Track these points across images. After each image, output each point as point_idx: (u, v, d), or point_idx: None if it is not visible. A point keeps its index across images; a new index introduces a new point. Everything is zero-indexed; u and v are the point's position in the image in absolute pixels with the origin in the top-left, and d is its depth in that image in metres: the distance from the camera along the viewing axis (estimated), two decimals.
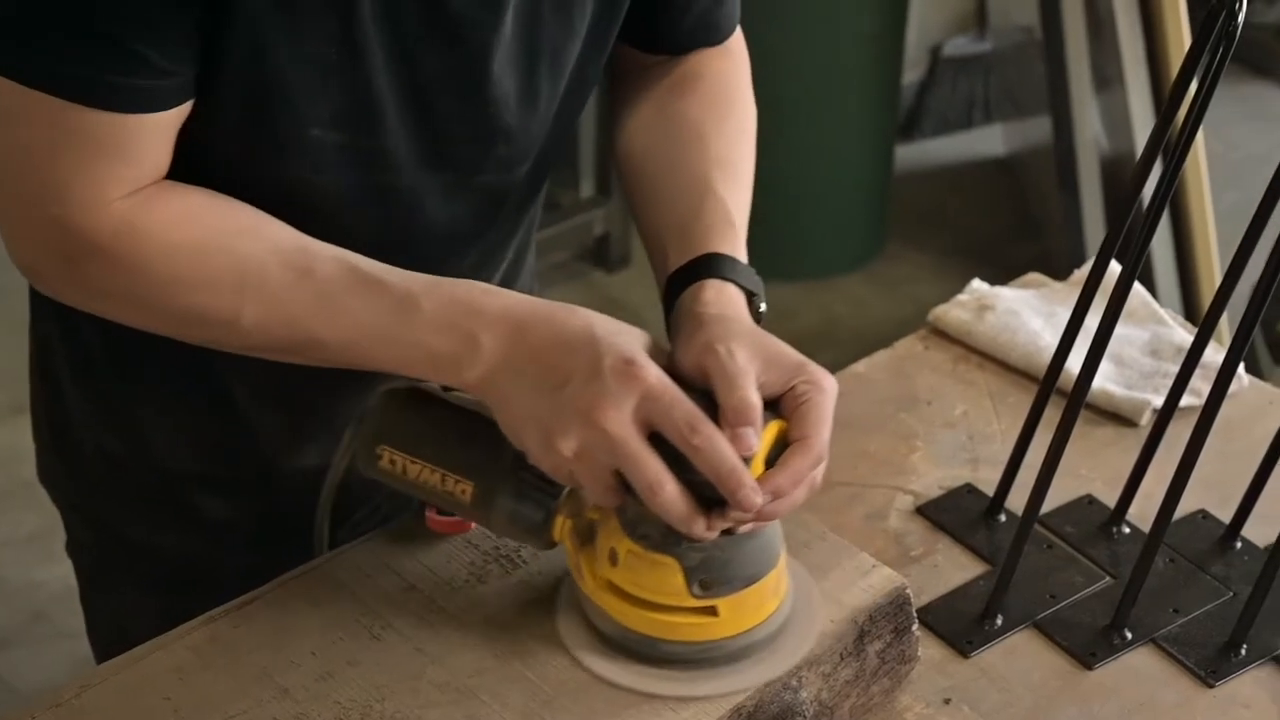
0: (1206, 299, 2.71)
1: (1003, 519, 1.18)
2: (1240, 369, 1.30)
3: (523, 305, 0.93)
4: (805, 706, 0.96)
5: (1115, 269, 1.11)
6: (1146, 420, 1.27)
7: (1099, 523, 1.18)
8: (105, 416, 1.17)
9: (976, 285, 1.42)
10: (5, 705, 2.23)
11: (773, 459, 0.91)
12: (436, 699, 0.94)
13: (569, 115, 1.10)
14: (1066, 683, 1.05)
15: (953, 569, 1.14)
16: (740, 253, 1.03)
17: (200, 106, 0.95)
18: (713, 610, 0.93)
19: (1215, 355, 1.20)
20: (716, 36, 1.17)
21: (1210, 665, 1.06)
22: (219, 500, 1.18)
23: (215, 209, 0.97)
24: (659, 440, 0.88)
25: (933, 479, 1.22)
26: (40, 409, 1.22)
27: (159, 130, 0.94)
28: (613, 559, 0.93)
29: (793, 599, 0.98)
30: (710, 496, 0.89)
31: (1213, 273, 2.70)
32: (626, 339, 0.90)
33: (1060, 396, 1.10)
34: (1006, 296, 1.40)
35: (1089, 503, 1.20)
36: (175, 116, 0.94)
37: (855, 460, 1.24)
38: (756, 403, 0.89)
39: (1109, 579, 1.13)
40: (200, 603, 1.01)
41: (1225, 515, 1.17)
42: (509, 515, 0.95)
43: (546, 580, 1.02)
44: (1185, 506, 1.14)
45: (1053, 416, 1.09)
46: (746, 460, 0.88)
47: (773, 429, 0.91)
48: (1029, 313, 1.37)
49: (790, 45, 3.06)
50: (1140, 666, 1.06)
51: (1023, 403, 1.18)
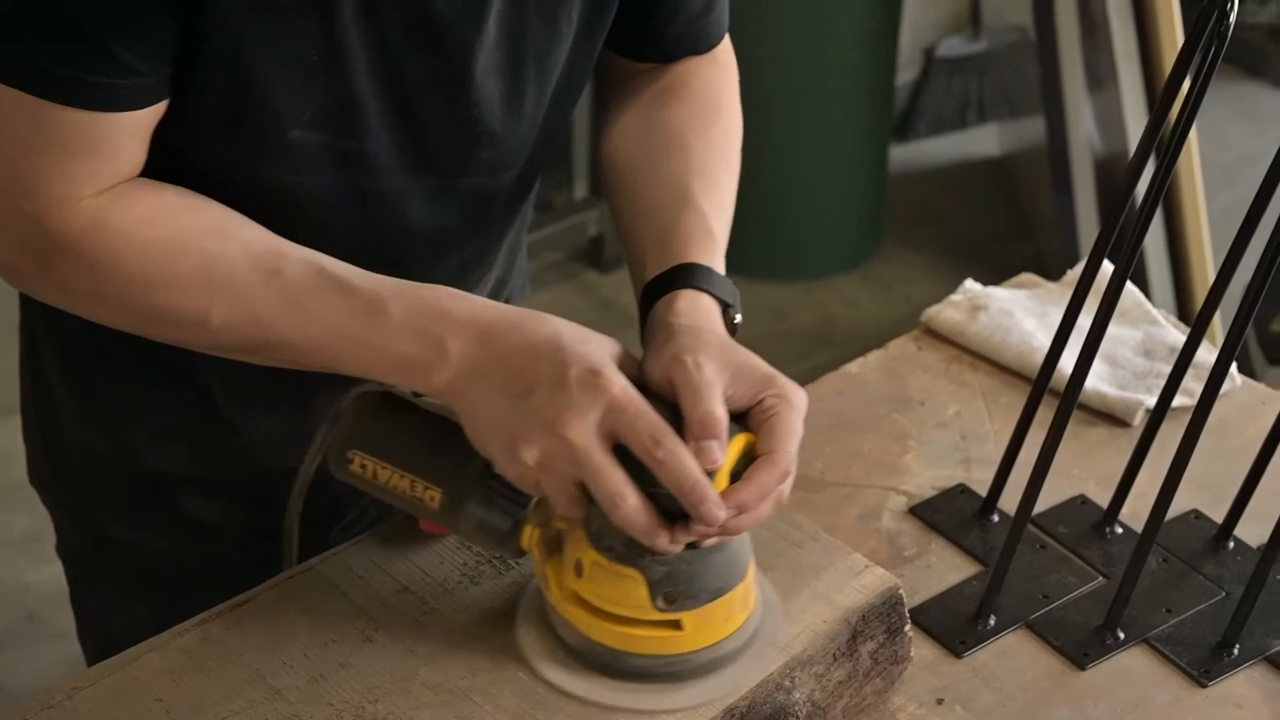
0: (1200, 299, 2.71)
1: (996, 519, 1.18)
2: (1233, 369, 1.30)
3: (491, 311, 0.92)
4: (798, 707, 0.96)
5: (1108, 269, 1.11)
6: (1139, 420, 1.27)
7: (1092, 523, 1.18)
8: (93, 417, 1.17)
9: (969, 285, 1.42)
10: None
11: (740, 472, 0.90)
12: (429, 700, 0.94)
13: (557, 119, 1.10)
14: (1059, 683, 1.05)
15: (946, 569, 1.14)
16: (718, 263, 1.02)
17: (180, 106, 0.95)
18: (677, 624, 0.92)
19: (1208, 355, 1.21)
20: (703, 45, 1.16)
21: (1203, 665, 1.06)
22: (208, 502, 1.18)
23: (186, 208, 0.97)
24: (624, 452, 0.88)
25: (926, 479, 1.22)
26: (30, 410, 1.22)
27: (133, 129, 0.94)
28: (578, 570, 0.93)
29: (763, 611, 0.97)
30: (674, 510, 0.88)
31: (1206, 273, 2.70)
32: (594, 349, 0.90)
33: (1053, 397, 1.10)
34: (999, 297, 1.40)
35: (1082, 503, 1.20)
36: (150, 115, 0.94)
37: (848, 460, 1.24)
38: (721, 416, 0.88)
39: (1102, 579, 1.13)
40: (191, 604, 1.01)
41: (1218, 515, 1.17)
42: (476, 523, 0.95)
43: None
44: (1178, 506, 1.14)
45: (1045, 417, 1.09)
46: (711, 474, 0.87)
47: (739, 442, 0.90)
48: (1022, 313, 1.37)
49: (785, 46, 3.06)
50: (1133, 666, 1.06)
51: (1016, 403, 1.18)
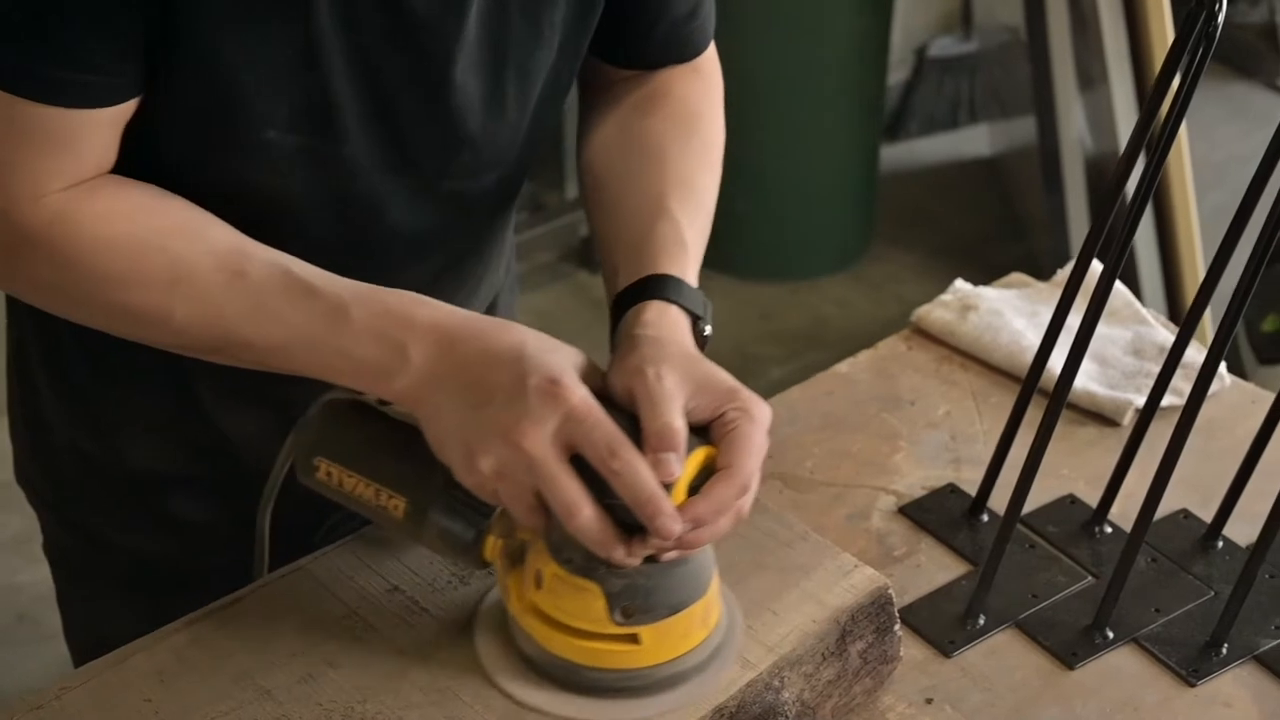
0: (1190, 299, 2.71)
1: (985, 519, 1.18)
2: (1222, 368, 1.31)
3: (455, 318, 0.92)
4: (787, 707, 0.96)
5: (1098, 268, 1.11)
6: (1129, 420, 1.28)
7: (1081, 522, 1.18)
8: (80, 417, 1.17)
9: (959, 285, 1.42)
10: None
11: (699, 486, 0.89)
12: (418, 700, 0.94)
13: (541, 124, 1.09)
14: (1048, 682, 1.05)
15: (935, 569, 1.14)
16: (690, 275, 1.01)
17: (154, 104, 0.95)
18: (634, 638, 0.91)
19: (1197, 355, 1.21)
20: (686, 54, 1.16)
21: (1192, 664, 1.06)
22: (196, 502, 1.18)
23: (153, 206, 0.96)
24: (583, 463, 0.87)
25: (915, 479, 1.23)
26: (16, 410, 1.22)
27: (103, 126, 0.94)
28: (538, 581, 0.92)
29: (726, 627, 0.96)
30: (631, 523, 0.87)
31: (1196, 273, 2.71)
32: (556, 358, 0.89)
33: (1043, 396, 1.10)
34: (989, 297, 1.40)
35: (1071, 502, 1.20)
36: (120, 112, 0.94)
37: (838, 460, 1.24)
38: (680, 428, 0.87)
39: (1091, 578, 1.13)
40: (179, 605, 1.01)
41: (1207, 515, 1.18)
42: (439, 532, 0.94)
43: None
44: (1167, 506, 1.14)
45: (1035, 416, 1.09)
46: (668, 487, 0.86)
47: (699, 456, 0.89)
48: (1012, 313, 1.37)
49: (776, 46, 3.06)
50: (1122, 666, 1.07)
51: (1005, 403, 1.19)
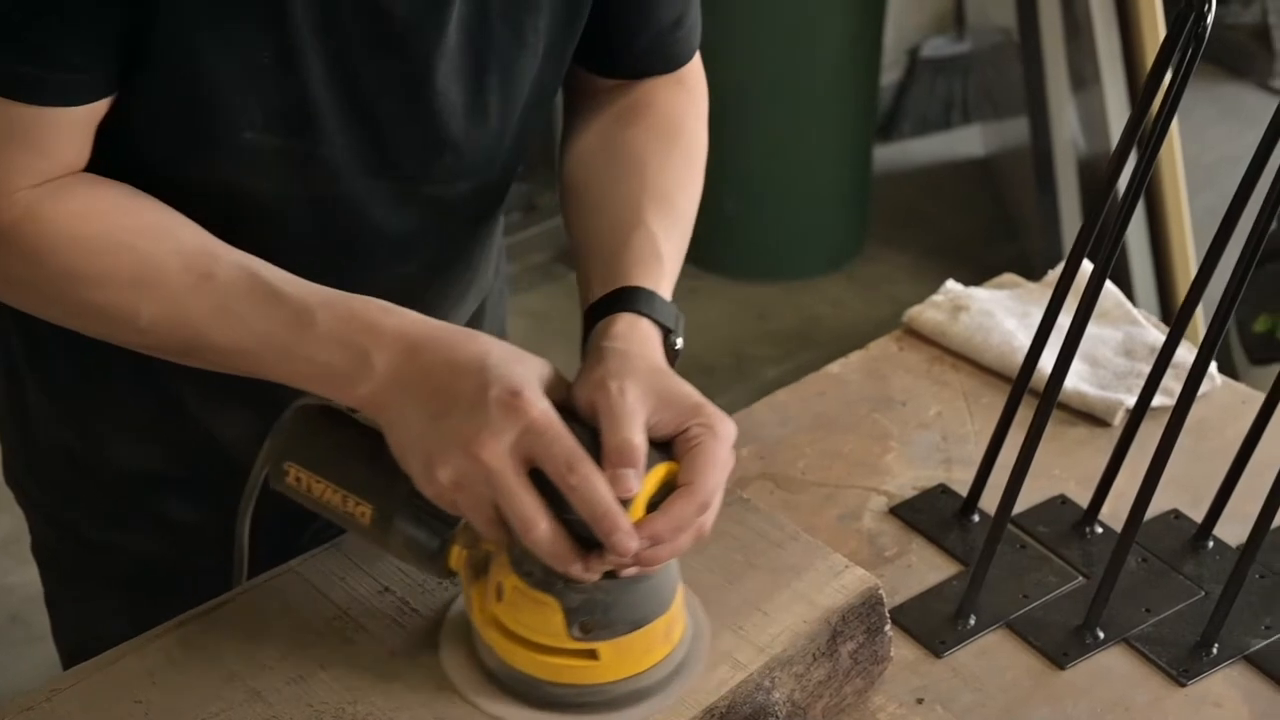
0: (1182, 300, 2.72)
1: (976, 519, 1.18)
2: (1213, 369, 1.31)
3: (421, 327, 0.91)
4: (778, 707, 0.96)
5: (1089, 268, 1.11)
6: (1120, 420, 1.28)
7: (1072, 522, 1.18)
8: (65, 417, 1.17)
9: (951, 286, 1.42)
10: None
11: (659, 502, 0.88)
12: (409, 701, 0.94)
13: (527, 130, 1.09)
14: (1039, 682, 1.05)
15: (926, 569, 1.14)
16: (663, 287, 1.00)
17: (130, 103, 0.95)
18: (593, 654, 0.91)
19: (1188, 355, 1.21)
20: (670, 64, 1.15)
21: (1182, 664, 1.06)
22: (184, 502, 1.18)
23: (124, 206, 0.96)
24: (543, 477, 0.86)
25: (906, 479, 1.23)
26: (4, 409, 1.22)
27: (74, 124, 0.94)
28: (499, 594, 0.91)
29: (690, 644, 0.96)
30: (590, 538, 0.86)
31: (1189, 274, 2.71)
32: (520, 370, 0.88)
33: (1034, 397, 1.10)
34: (981, 297, 1.40)
35: (1062, 503, 1.20)
36: (92, 111, 0.94)
37: (829, 461, 1.24)
38: (639, 444, 0.87)
39: (1082, 579, 1.13)
40: (169, 606, 1.01)
41: (1197, 515, 1.18)
42: (404, 540, 0.93)
43: None
44: (1158, 506, 1.14)
45: (1026, 417, 1.09)
46: (626, 503, 0.86)
47: (659, 472, 0.88)
48: (1003, 313, 1.37)
49: (769, 47, 3.06)
50: (1112, 666, 1.07)
51: (997, 403, 1.19)
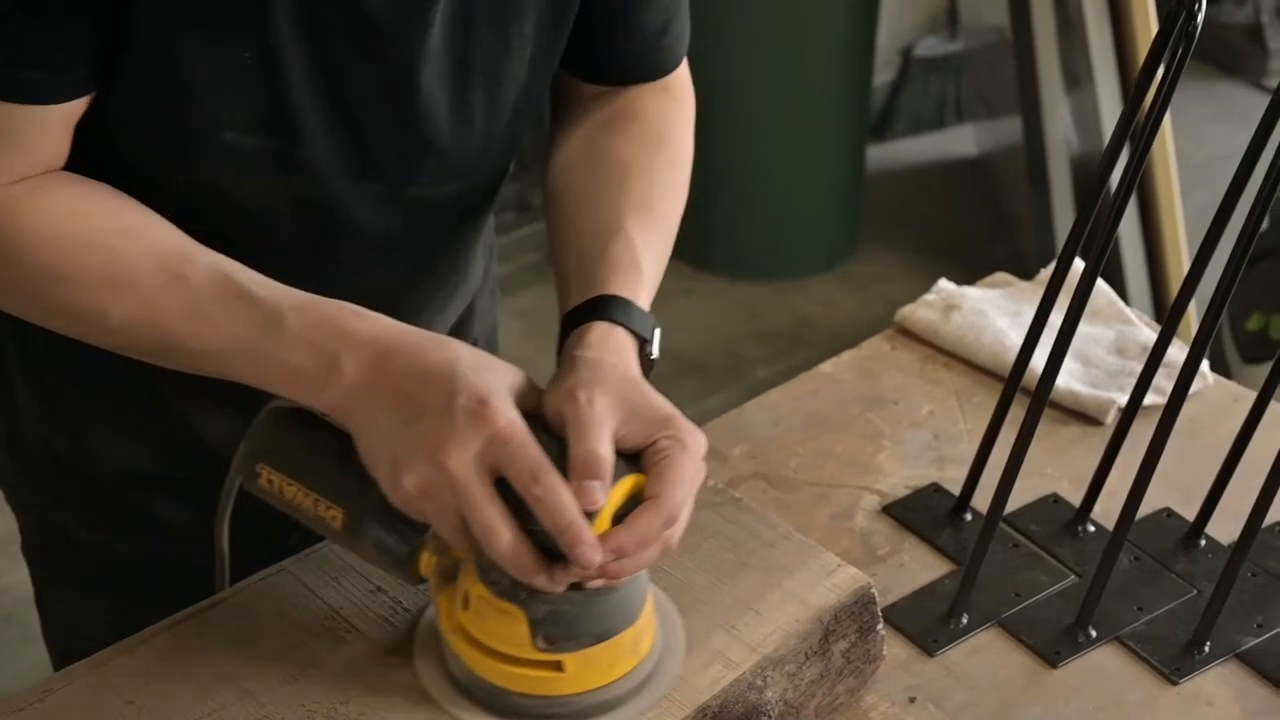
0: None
1: (969, 518, 1.18)
2: (1205, 367, 1.31)
3: (392, 332, 0.91)
4: (770, 706, 0.96)
5: (1080, 267, 1.11)
6: (1112, 419, 1.28)
7: (1064, 521, 1.18)
8: (53, 415, 1.17)
9: (943, 285, 1.42)
10: None
11: (626, 515, 0.87)
12: (400, 702, 0.94)
13: (514, 134, 1.09)
14: (1031, 681, 1.05)
15: (919, 568, 1.14)
16: (641, 297, 0.99)
17: (111, 102, 0.95)
18: (558, 665, 0.90)
19: (1180, 354, 1.21)
20: (656, 72, 1.15)
21: (1174, 663, 1.06)
22: (172, 502, 1.18)
23: (100, 205, 0.96)
24: (509, 487, 0.85)
25: (899, 478, 1.23)
26: None
27: (51, 123, 0.94)
28: (465, 602, 0.91)
29: (659, 657, 0.95)
30: (554, 549, 0.85)
31: (1181, 273, 2.72)
32: (489, 378, 0.87)
33: (1025, 395, 1.10)
34: (973, 296, 1.40)
35: (1054, 501, 1.20)
36: (70, 110, 0.94)
37: (822, 460, 1.24)
38: (604, 455, 0.86)
39: (1074, 577, 1.13)
40: (159, 606, 1.01)
41: (1189, 513, 1.18)
42: (375, 545, 0.93)
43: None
44: (1150, 505, 1.15)
45: (1018, 415, 1.09)
46: (592, 515, 0.85)
47: (627, 484, 0.87)
48: (995, 312, 1.38)
49: (762, 47, 3.06)
50: (1104, 664, 1.07)
51: (989, 402, 1.19)
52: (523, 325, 2.98)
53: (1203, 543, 1.17)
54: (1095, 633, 1.08)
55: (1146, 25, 2.65)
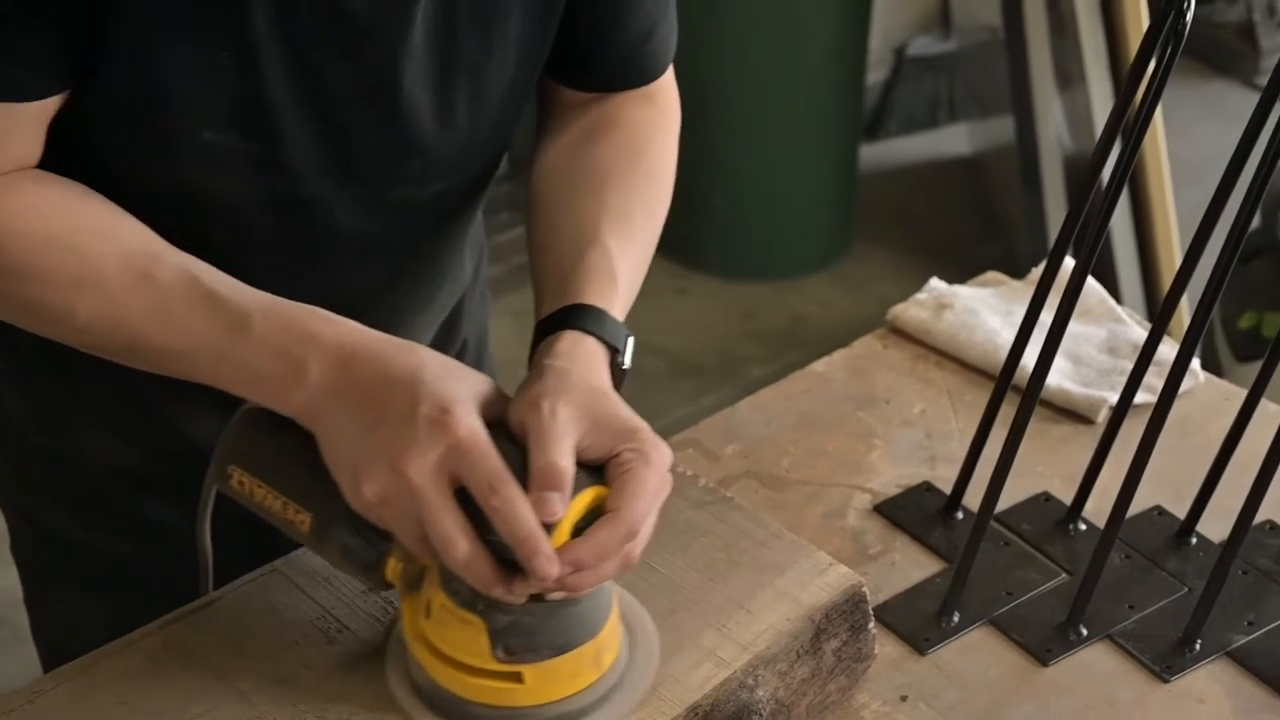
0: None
1: (960, 517, 1.18)
2: (1196, 365, 1.31)
3: (358, 337, 0.90)
4: (761, 705, 0.96)
5: (1072, 265, 1.12)
6: (1103, 417, 1.28)
7: (1056, 520, 1.18)
8: (42, 417, 1.17)
9: (935, 284, 1.42)
10: None
11: (586, 527, 0.86)
12: (390, 704, 0.94)
13: (498, 135, 1.08)
14: (1023, 679, 1.06)
15: (910, 567, 1.14)
16: (615, 307, 0.99)
17: (89, 101, 0.95)
18: (517, 676, 0.89)
19: (1171, 352, 1.21)
20: (640, 79, 1.14)
21: (1165, 660, 1.07)
22: (161, 503, 1.17)
23: (70, 204, 0.96)
24: (470, 497, 0.85)
25: (890, 477, 1.23)
26: None
27: (24, 120, 0.93)
28: (428, 611, 0.90)
29: (623, 670, 0.94)
30: (514, 560, 0.85)
31: (1174, 272, 2.71)
32: (454, 386, 0.87)
33: (1017, 394, 1.10)
34: (965, 295, 1.40)
35: (1046, 500, 1.21)
36: (43, 108, 0.94)
37: (813, 459, 1.24)
38: (564, 467, 0.85)
39: (1065, 575, 1.14)
40: (150, 607, 1.01)
41: (1181, 511, 1.18)
42: (342, 550, 0.92)
43: None
44: (1141, 503, 1.15)
45: (1009, 414, 1.09)
46: (551, 527, 0.84)
47: (587, 496, 0.87)
48: (987, 311, 1.38)
49: (754, 47, 3.07)
50: (1096, 663, 1.07)
51: (980, 401, 1.19)
52: (515, 325, 2.97)
53: (1194, 541, 1.17)
54: (1086, 631, 1.08)
55: (1138, 24, 2.65)
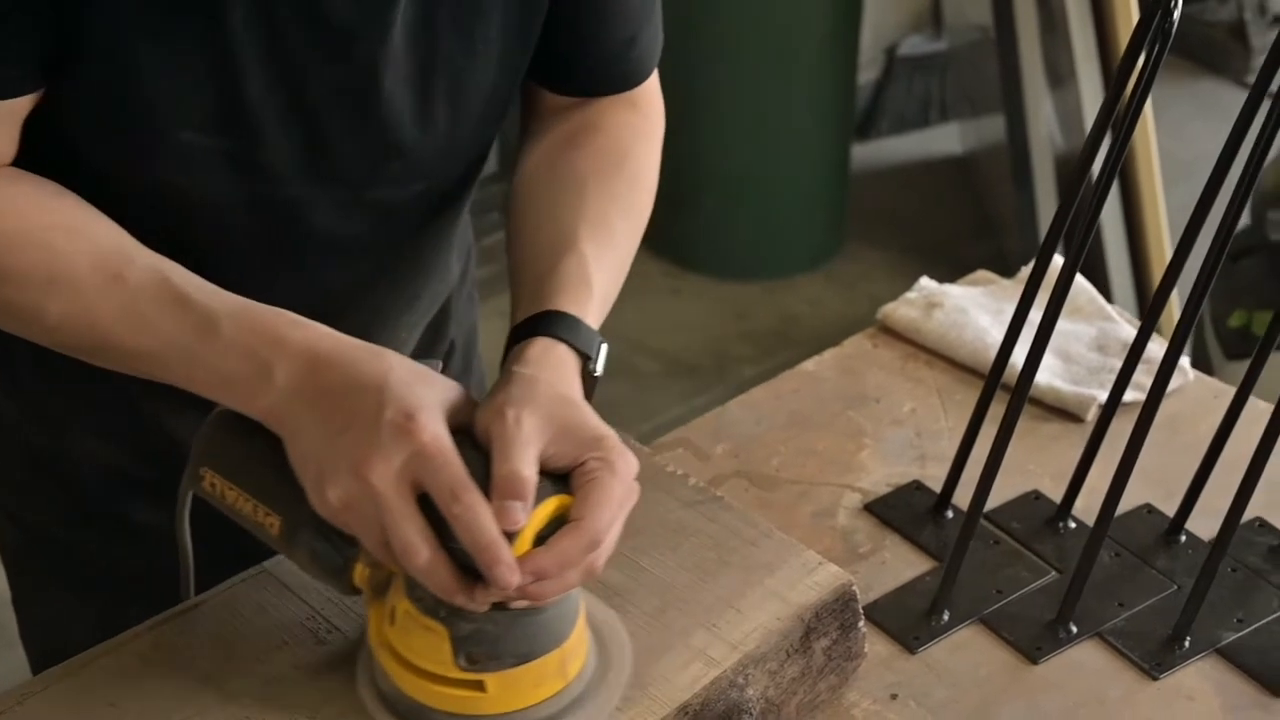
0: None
1: (950, 515, 1.18)
2: (1185, 364, 1.31)
3: (326, 342, 0.90)
4: (751, 704, 0.96)
5: (1060, 263, 1.12)
6: (1092, 416, 1.28)
7: (1045, 518, 1.18)
8: (30, 418, 1.17)
9: (925, 283, 1.43)
10: None
11: (549, 536, 0.86)
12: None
13: (479, 138, 1.08)
14: (1013, 677, 1.06)
15: (900, 565, 1.15)
16: (589, 314, 0.98)
17: (65, 100, 0.95)
18: (480, 685, 0.88)
19: (1161, 350, 1.21)
20: (622, 85, 1.13)
21: (1154, 658, 1.07)
22: (148, 504, 1.17)
23: (42, 203, 0.96)
24: (433, 504, 0.84)
25: (880, 476, 1.23)
26: None
27: None
28: (392, 617, 0.90)
29: (591, 680, 0.93)
30: (476, 568, 0.84)
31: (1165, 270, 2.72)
32: (420, 392, 0.86)
33: (1006, 393, 1.10)
34: (954, 294, 1.40)
35: (1035, 498, 1.21)
36: (15, 107, 0.93)
37: (803, 458, 1.24)
38: (527, 476, 0.84)
39: (1055, 574, 1.14)
40: (140, 608, 1.00)
41: (1170, 509, 1.18)
42: (310, 555, 0.91)
43: None
44: (1131, 501, 1.15)
45: (999, 413, 1.10)
46: (512, 535, 0.84)
47: (551, 505, 0.86)
48: (977, 310, 1.38)
49: (746, 47, 3.06)
50: (1085, 660, 1.07)
51: (970, 399, 1.19)
52: (505, 326, 2.96)
53: (1183, 538, 1.17)
54: (1076, 629, 1.08)
55: (1129, 22, 2.65)
